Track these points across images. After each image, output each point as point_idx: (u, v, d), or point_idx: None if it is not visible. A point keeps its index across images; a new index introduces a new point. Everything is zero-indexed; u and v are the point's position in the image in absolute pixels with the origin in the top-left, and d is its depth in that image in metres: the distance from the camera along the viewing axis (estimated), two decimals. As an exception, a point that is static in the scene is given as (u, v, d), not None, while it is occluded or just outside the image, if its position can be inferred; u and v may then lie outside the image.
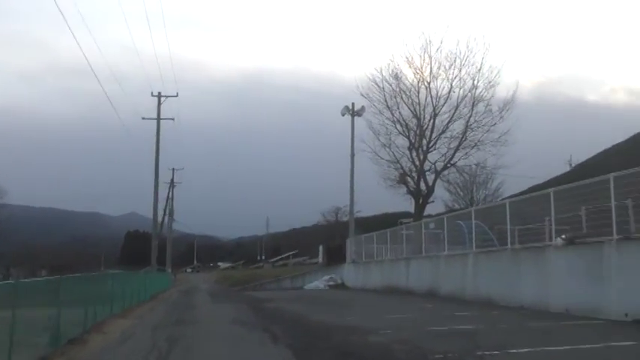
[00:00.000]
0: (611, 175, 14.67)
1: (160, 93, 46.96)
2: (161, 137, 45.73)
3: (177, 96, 47.82)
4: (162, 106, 46.47)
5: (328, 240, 52.96)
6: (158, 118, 46.75)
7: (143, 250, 71.33)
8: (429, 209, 36.67)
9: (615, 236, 14.18)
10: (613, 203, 14.50)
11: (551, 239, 16.86)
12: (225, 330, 14.31)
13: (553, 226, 16.90)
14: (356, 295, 29.17)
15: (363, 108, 40.84)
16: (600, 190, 15.26)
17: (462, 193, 46.20)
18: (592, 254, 14.90)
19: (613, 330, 12.28)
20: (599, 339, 10.83)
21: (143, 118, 47.24)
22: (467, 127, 31.10)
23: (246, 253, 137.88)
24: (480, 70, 31.84)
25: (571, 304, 15.33)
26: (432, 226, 25.87)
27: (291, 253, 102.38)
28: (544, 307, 16.41)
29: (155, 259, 47.12)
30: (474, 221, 22.02)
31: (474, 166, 38.78)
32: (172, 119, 48.90)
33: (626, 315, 13.28)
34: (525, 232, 19.32)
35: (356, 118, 41.07)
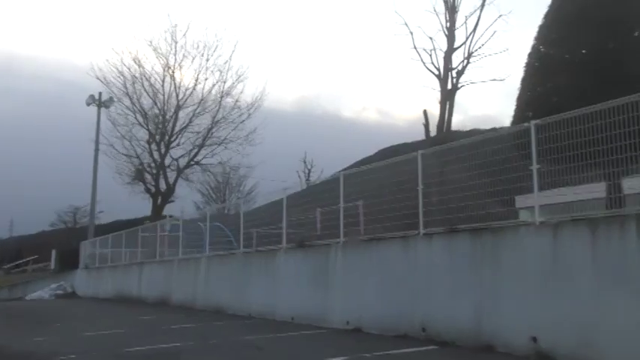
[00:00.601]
0: (341, 174, 13.90)
1: None
2: None
3: None
4: None
5: (67, 243, 47.12)
6: None
7: None
8: (175, 211, 34.17)
9: (342, 239, 13.34)
10: (342, 204, 13.69)
11: (283, 242, 15.70)
12: None
13: (284, 229, 15.75)
14: (78, 305, 25.42)
15: (111, 99, 36.98)
16: (335, 190, 14.47)
17: (214, 196, 44.62)
18: (319, 258, 13.90)
19: (332, 341, 11.20)
20: (313, 354, 9.56)
21: None
22: (213, 122, 29.43)
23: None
24: (228, 62, 30.40)
25: (297, 312, 14.19)
26: (167, 227, 23.50)
27: (31, 258, 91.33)
28: (271, 315, 15.10)
29: None
30: (208, 223, 20.24)
31: (228, 168, 37.43)
32: None
33: (348, 323, 12.41)
34: (264, 234, 18.14)
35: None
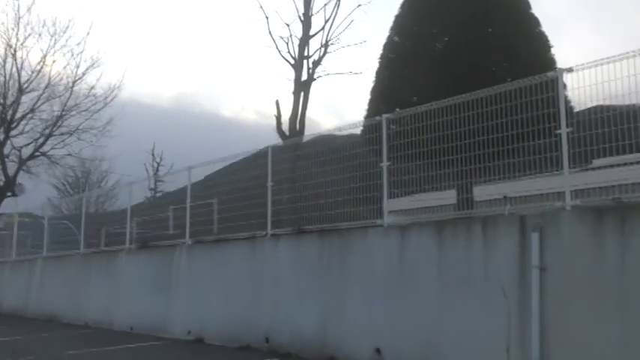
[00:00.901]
0: (189, 169, 12.73)
1: None
2: None
3: None
4: None
5: None
6: None
7: None
8: (27, 206, 30.72)
9: (188, 240, 12.11)
10: (189, 201, 12.54)
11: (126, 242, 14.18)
12: None
13: (128, 227, 14.24)
14: None
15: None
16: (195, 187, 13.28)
17: (72, 191, 41.14)
18: (164, 260, 12.56)
19: (162, 356, 9.95)
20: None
21: None
22: (63, 110, 26.72)
23: None
24: (82, 44, 27.56)
25: (137, 320, 12.75)
26: (1, 225, 20.88)
27: None
28: (109, 325, 13.53)
29: None
30: (46, 220, 18.19)
31: (87, 163, 34.52)
32: None
33: (189, 333, 11.21)
34: (114, 233, 16.45)
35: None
